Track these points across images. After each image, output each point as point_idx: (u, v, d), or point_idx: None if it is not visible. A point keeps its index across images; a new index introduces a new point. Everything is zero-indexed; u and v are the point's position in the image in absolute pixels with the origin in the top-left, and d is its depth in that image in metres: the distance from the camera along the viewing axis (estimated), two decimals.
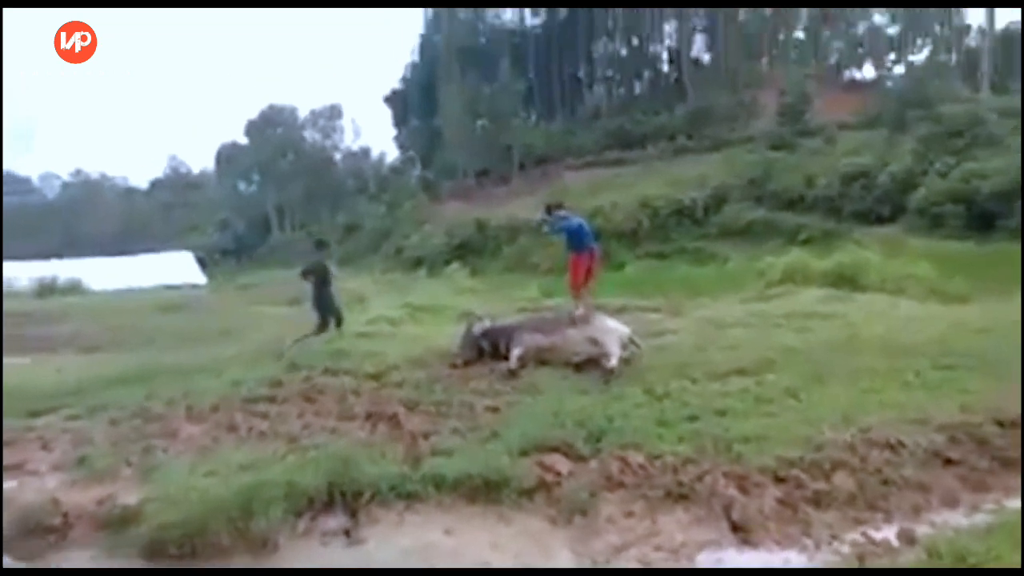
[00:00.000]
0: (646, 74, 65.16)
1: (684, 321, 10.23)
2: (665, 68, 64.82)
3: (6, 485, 4.66)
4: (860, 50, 59.56)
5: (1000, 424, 4.92)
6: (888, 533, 3.86)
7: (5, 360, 9.38)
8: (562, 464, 4.59)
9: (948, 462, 4.59)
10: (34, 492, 4.51)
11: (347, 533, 4.12)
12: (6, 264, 30.55)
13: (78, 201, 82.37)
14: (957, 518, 4.07)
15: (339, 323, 8.95)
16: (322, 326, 8.85)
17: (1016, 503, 4.10)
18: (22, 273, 24.53)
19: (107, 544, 4.11)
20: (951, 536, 3.65)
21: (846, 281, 13.69)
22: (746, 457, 4.56)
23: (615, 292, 17.49)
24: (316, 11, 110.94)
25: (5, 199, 78.67)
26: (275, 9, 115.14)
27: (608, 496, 4.31)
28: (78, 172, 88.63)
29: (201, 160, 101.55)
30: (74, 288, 21.44)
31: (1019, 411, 4.96)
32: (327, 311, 8.88)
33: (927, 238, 28.26)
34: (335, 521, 4.19)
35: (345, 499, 4.29)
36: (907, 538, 3.77)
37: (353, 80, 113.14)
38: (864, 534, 3.87)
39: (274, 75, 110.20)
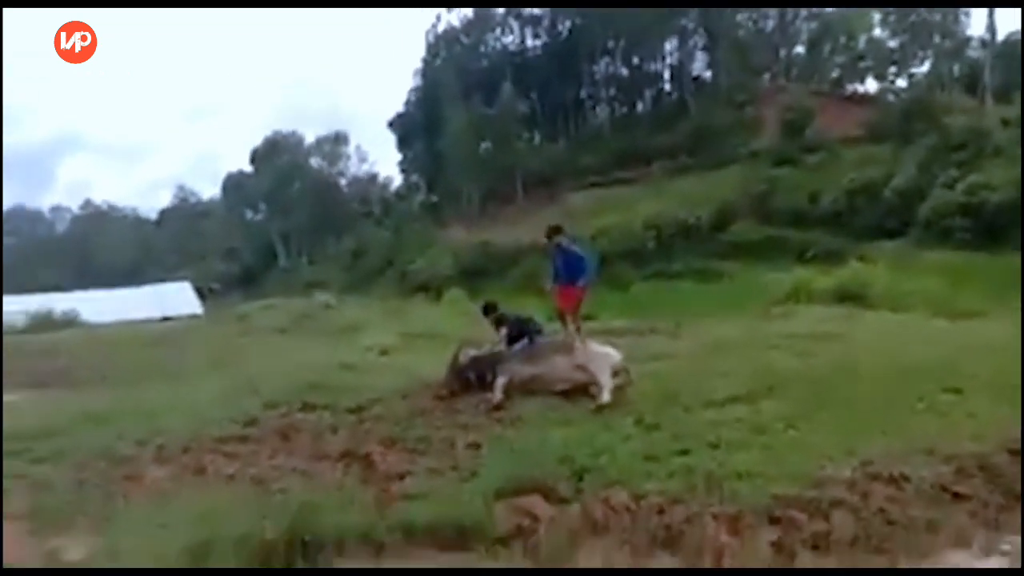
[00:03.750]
0: (648, 93, 65.43)
1: (684, 343, 9.91)
2: (667, 87, 65.06)
3: None
4: (862, 64, 59.37)
5: (1013, 453, 4.56)
6: None
7: None
8: (541, 508, 4.26)
9: (957, 497, 4.22)
10: None
11: None
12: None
13: (88, 233, 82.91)
14: (968, 560, 3.71)
15: None
16: None
17: None
18: (19, 307, 24.39)
19: None
20: None
21: (852, 298, 13.41)
22: (739, 495, 4.21)
23: (620, 313, 17.21)
24: (319, 36, 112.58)
25: (16, 233, 79.66)
26: (278, 33, 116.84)
27: (590, 543, 3.98)
28: (87, 203, 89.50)
29: (211, 188, 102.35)
30: (70, 322, 21.27)
31: None
32: None
33: (936, 251, 27.83)
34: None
35: (306, 550, 3.98)
36: None
37: (358, 105, 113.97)
38: None
39: (278, 101, 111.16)
